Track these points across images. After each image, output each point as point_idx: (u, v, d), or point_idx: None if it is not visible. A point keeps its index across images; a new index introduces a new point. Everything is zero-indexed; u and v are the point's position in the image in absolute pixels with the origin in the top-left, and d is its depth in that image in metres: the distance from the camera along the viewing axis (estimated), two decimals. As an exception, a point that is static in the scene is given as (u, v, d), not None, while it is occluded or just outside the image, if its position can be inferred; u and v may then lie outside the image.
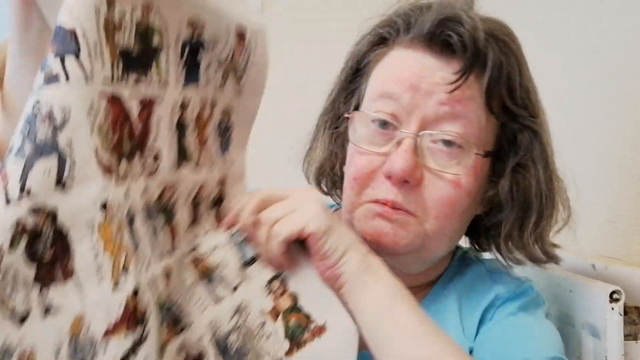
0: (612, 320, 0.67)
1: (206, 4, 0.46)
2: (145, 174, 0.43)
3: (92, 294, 0.38)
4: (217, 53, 0.48)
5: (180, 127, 0.47)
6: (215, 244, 0.51)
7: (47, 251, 0.37)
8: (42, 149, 0.36)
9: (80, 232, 0.37)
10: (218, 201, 0.53)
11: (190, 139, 0.48)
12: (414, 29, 0.59)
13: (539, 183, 0.61)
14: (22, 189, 0.36)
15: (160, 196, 0.46)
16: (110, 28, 0.38)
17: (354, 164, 0.61)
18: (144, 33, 0.41)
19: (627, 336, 0.69)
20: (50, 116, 0.36)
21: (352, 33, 0.68)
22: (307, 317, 0.49)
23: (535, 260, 0.63)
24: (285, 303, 0.50)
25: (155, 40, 0.42)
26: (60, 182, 0.37)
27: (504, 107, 0.60)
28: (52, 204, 0.37)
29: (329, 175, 0.70)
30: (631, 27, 0.78)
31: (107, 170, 0.39)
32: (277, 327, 0.48)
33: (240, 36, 0.50)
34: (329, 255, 0.49)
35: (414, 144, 0.56)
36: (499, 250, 0.65)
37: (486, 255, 0.71)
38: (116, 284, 0.38)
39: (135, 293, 0.39)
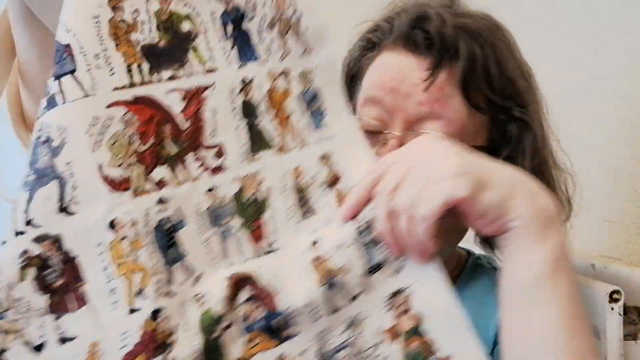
0: (612, 320, 0.67)
1: None
2: (208, 174, 0.40)
3: (107, 320, 0.36)
4: (262, 14, 0.43)
5: (248, 110, 0.42)
6: (340, 242, 0.42)
7: (58, 279, 0.36)
8: (42, 176, 0.36)
9: (90, 256, 0.36)
10: (334, 181, 0.46)
11: (265, 120, 0.43)
12: (394, 32, 0.61)
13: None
14: (26, 220, 0.35)
15: (240, 193, 0.41)
16: (122, 31, 0.37)
17: None
18: (168, 23, 0.38)
19: (627, 336, 0.69)
20: (48, 140, 0.36)
21: (352, 33, 0.68)
22: (431, 345, 0.41)
23: None
24: (407, 323, 0.42)
25: (185, 26, 0.39)
26: (62, 208, 0.36)
27: (488, 100, 0.59)
28: (56, 231, 0.36)
29: None
30: (628, 26, 0.78)
31: (118, 185, 0.37)
32: (394, 351, 0.41)
33: None
34: (490, 210, 0.40)
35: (398, 144, 0.57)
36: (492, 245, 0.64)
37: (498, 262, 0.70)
38: (131, 307, 0.36)
39: (155, 316, 0.36)
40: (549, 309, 0.40)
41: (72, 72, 0.36)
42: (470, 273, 0.67)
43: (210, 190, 0.40)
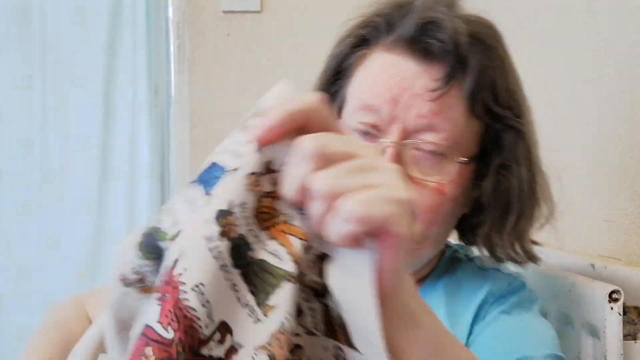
0: (611, 320, 0.67)
1: None
2: None
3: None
4: None
5: (238, 251, 0.33)
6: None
7: None
8: None
9: None
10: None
11: (260, 245, 0.33)
12: (396, 31, 0.58)
13: (521, 184, 0.60)
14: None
15: None
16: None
17: None
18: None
19: (626, 336, 0.69)
20: None
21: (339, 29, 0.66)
22: None
23: (514, 260, 0.63)
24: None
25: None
26: None
27: (487, 110, 0.59)
28: None
29: None
30: (625, 26, 0.78)
31: None
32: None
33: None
34: (394, 271, 0.32)
35: (395, 153, 0.56)
36: (481, 248, 0.65)
37: (476, 251, 0.70)
38: None
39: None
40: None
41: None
42: (444, 266, 0.67)
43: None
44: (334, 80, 0.65)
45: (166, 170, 1.79)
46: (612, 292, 0.67)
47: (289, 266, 0.32)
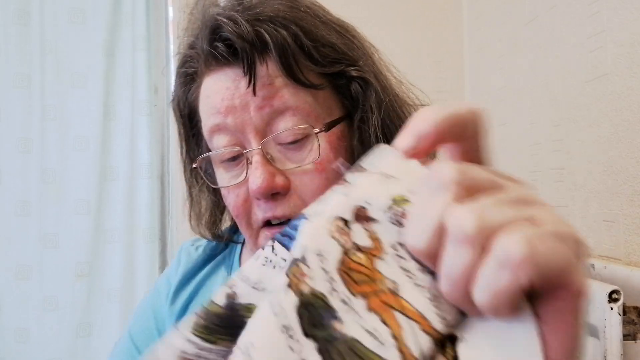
0: (611, 320, 0.67)
1: None
2: None
3: None
4: None
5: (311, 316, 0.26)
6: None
7: None
8: None
9: None
10: None
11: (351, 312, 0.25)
12: (201, 55, 0.58)
13: (376, 130, 0.59)
14: None
15: None
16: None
17: (228, 204, 0.59)
18: None
19: (626, 336, 0.69)
20: None
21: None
22: None
23: None
24: None
25: None
26: None
27: (319, 74, 0.57)
28: None
29: (223, 220, 0.69)
30: (625, 27, 0.78)
31: None
32: None
33: None
34: (573, 324, 0.23)
35: (262, 158, 0.55)
36: None
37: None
38: None
39: None
40: None
41: None
42: None
43: None
44: (190, 125, 0.64)
45: (166, 170, 1.79)
46: (612, 292, 0.67)
47: (391, 355, 0.23)
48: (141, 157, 1.72)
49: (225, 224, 0.71)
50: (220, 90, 0.57)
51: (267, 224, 0.57)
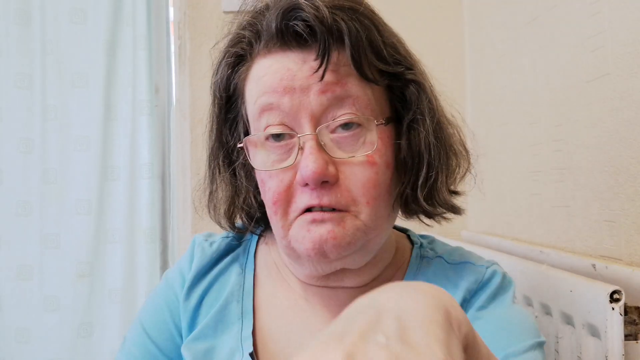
0: (613, 321, 0.67)
1: None
2: None
3: None
4: None
5: None
6: None
7: None
8: None
9: None
10: None
11: None
12: (264, 34, 0.58)
13: (428, 135, 0.60)
14: None
15: None
16: None
17: (268, 189, 0.59)
18: None
19: (628, 336, 0.69)
20: None
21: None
22: None
23: (431, 215, 0.63)
24: None
25: None
26: None
27: (380, 72, 0.59)
28: None
29: (243, 210, 0.68)
30: (626, 26, 0.78)
31: None
32: None
33: None
34: None
35: (316, 144, 0.55)
36: (405, 213, 0.64)
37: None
38: None
39: None
40: None
41: None
42: (414, 267, 0.66)
43: None
44: (227, 107, 0.64)
45: (166, 170, 1.79)
46: (614, 292, 0.67)
47: None
48: (142, 157, 1.72)
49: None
50: (279, 70, 0.57)
51: (306, 211, 0.57)
